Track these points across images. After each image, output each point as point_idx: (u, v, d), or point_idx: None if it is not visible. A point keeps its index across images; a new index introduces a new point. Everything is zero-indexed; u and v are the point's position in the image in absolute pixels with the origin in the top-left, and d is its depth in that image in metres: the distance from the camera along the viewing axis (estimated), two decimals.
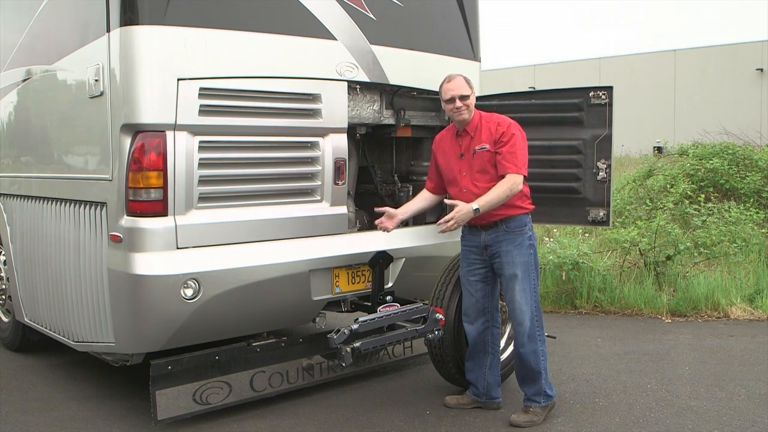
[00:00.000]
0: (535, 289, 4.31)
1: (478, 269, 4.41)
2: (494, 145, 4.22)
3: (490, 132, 4.25)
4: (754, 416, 4.38)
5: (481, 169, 4.27)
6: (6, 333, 5.96)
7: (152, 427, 4.18)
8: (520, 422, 4.24)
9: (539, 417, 4.28)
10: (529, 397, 4.35)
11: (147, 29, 3.84)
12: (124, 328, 4.05)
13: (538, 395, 4.32)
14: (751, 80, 28.59)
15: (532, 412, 4.30)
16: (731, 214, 8.93)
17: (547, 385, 4.34)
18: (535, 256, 4.31)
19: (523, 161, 4.19)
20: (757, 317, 6.81)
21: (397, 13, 4.82)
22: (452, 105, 4.27)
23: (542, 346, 4.31)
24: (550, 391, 4.37)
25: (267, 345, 4.52)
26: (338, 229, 4.62)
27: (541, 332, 4.32)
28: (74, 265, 4.46)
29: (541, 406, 4.31)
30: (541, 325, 4.33)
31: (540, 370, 4.29)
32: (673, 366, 5.40)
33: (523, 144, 4.22)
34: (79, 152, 4.52)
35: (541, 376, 4.30)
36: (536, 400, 4.32)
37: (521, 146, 4.20)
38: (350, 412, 4.51)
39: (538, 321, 4.31)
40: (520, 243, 4.25)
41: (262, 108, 4.25)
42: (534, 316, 4.28)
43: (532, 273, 4.28)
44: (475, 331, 4.45)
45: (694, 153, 11.45)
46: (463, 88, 4.28)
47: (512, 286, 4.28)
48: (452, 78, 4.32)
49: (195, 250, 4.03)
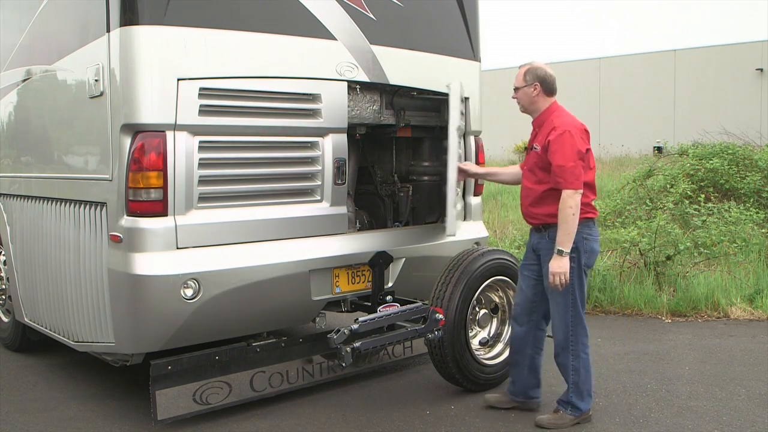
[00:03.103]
0: (574, 303, 4.12)
1: (532, 264, 4.31)
2: (544, 150, 4.09)
3: (545, 135, 4.11)
4: (754, 416, 4.38)
5: (530, 168, 4.22)
6: (6, 333, 5.96)
7: (152, 427, 4.18)
8: (543, 421, 4.22)
9: (565, 422, 4.20)
10: (560, 400, 4.30)
11: (147, 29, 3.84)
12: (124, 328, 4.05)
13: (566, 404, 4.24)
14: (751, 80, 28.60)
15: (559, 415, 4.24)
16: (731, 214, 8.92)
17: (577, 397, 4.20)
18: (578, 270, 4.08)
19: (573, 173, 3.96)
20: (757, 317, 6.81)
21: (397, 13, 4.81)
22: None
23: (574, 360, 4.17)
24: (581, 404, 4.22)
25: (267, 345, 4.51)
26: (338, 229, 4.62)
27: (576, 347, 4.16)
28: (74, 265, 4.46)
29: (569, 414, 4.23)
30: (577, 341, 4.16)
31: (569, 383, 4.22)
32: (673, 366, 5.40)
33: (572, 153, 3.98)
34: (79, 152, 4.52)
35: (570, 389, 4.22)
36: (564, 407, 4.25)
37: (571, 156, 3.97)
38: (350, 412, 4.51)
39: (573, 336, 4.15)
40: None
41: (262, 108, 4.25)
42: (569, 331, 4.15)
43: (571, 288, 4.08)
44: (520, 330, 4.40)
45: (694, 153, 11.45)
46: (517, 79, 4.25)
47: (550, 299, 4.21)
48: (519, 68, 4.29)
49: (195, 250, 4.03)
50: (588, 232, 4.14)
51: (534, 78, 4.18)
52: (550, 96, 4.21)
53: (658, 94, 30.22)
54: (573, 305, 4.14)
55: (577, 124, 4.13)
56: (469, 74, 5.25)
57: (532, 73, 4.19)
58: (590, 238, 4.15)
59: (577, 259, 4.09)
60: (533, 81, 4.18)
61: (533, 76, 4.18)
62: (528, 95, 4.21)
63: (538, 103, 4.21)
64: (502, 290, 5.01)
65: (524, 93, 4.22)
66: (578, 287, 4.13)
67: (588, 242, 4.13)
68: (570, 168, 3.97)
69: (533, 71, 4.20)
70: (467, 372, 4.71)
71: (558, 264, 3.99)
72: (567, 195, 3.96)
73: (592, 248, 4.17)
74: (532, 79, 4.18)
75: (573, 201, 3.95)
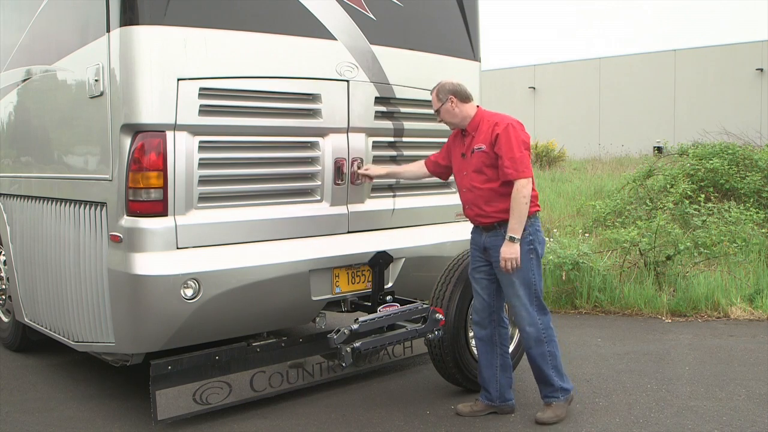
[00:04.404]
0: (537, 293, 4.25)
1: (482, 266, 4.39)
2: (490, 147, 4.21)
3: (487, 132, 4.24)
4: (754, 416, 4.38)
5: (477, 170, 4.27)
6: (6, 333, 5.96)
7: (152, 427, 4.18)
8: (545, 419, 4.26)
9: (562, 410, 4.30)
10: (546, 394, 4.36)
11: (147, 29, 3.84)
12: (124, 328, 4.05)
13: (555, 392, 4.33)
14: (751, 80, 28.60)
15: (554, 406, 4.31)
16: (731, 214, 8.92)
17: (561, 380, 4.34)
18: (536, 260, 4.25)
19: (523, 162, 4.13)
20: (757, 317, 6.81)
21: (397, 13, 4.82)
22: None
23: (549, 347, 4.28)
24: (566, 384, 4.38)
25: (267, 345, 4.52)
26: (338, 229, 4.62)
27: (547, 333, 4.27)
28: (74, 265, 4.46)
29: (561, 401, 4.33)
30: (546, 326, 4.28)
31: (549, 370, 4.29)
32: (673, 366, 5.40)
33: (518, 144, 4.15)
34: (79, 152, 4.52)
35: (553, 376, 4.30)
36: (555, 396, 4.33)
37: (518, 147, 4.13)
38: (350, 412, 4.51)
39: (542, 324, 4.26)
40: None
41: (262, 108, 4.25)
42: (538, 321, 4.25)
43: (532, 278, 4.23)
44: (485, 333, 4.43)
45: (694, 153, 11.44)
46: (433, 103, 4.41)
47: (510, 293, 4.27)
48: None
49: (195, 250, 4.03)
50: (538, 224, 4.33)
51: (446, 93, 4.33)
52: (468, 102, 4.35)
53: (658, 94, 30.22)
54: (536, 296, 4.26)
55: (513, 119, 4.29)
56: (469, 74, 5.25)
57: (442, 90, 4.35)
58: (540, 231, 4.35)
59: (535, 250, 4.24)
60: (446, 96, 4.33)
61: (444, 92, 4.34)
62: (449, 111, 4.34)
63: (463, 112, 4.34)
64: None
65: (445, 110, 4.35)
66: (538, 277, 4.28)
67: (540, 234, 4.32)
68: (519, 158, 4.12)
69: (442, 88, 4.36)
70: (467, 372, 4.71)
71: (510, 250, 4.13)
72: (521, 185, 4.11)
73: (543, 240, 4.37)
74: (445, 94, 4.34)
75: (527, 190, 4.11)
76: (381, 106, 4.76)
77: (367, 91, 4.67)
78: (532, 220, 4.22)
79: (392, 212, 4.92)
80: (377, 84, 4.72)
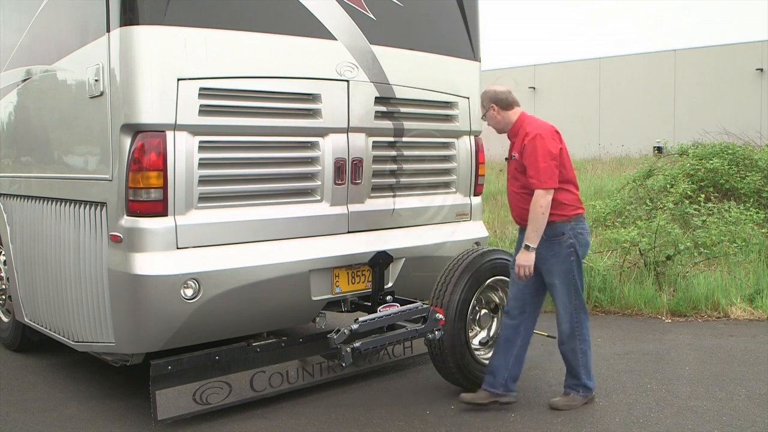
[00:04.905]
0: (577, 293, 4.42)
1: None
2: (521, 156, 4.34)
3: (520, 141, 4.37)
4: (754, 416, 4.38)
5: (513, 175, 4.46)
6: (6, 333, 5.96)
7: (152, 427, 4.18)
8: (558, 404, 4.48)
9: (577, 403, 4.50)
10: (569, 384, 4.56)
11: (147, 29, 3.84)
12: (124, 328, 4.05)
13: (578, 386, 4.52)
14: (751, 80, 28.57)
15: (571, 397, 4.52)
16: (731, 214, 8.92)
17: (587, 378, 4.52)
18: (577, 263, 4.38)
19: (546, 172, 4.22)
20: (757, 317, 6.81)
21: (397, 13, 4.82)
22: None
23: (581, 344, 4.47)
24: (590, 383, 4.55)
25: (267, 345, 4.52)
26: (338, 229, 4.62)
27: (581, 332, 4.46)
28: (74, 265, 4.46)
29: (579, 395, 4.52)
30: (582, 326, 4.47)
31: (579, 367, 4.48)
32: (673, 366, 5.40)
33: (544, 154, 4.24)
34: (79, 152, 4.52)
35: (581, 372, 4.49)
36: (575, 389, 4.53)
37: (543, 157, 4.23)
38: (350, 412, 4.51)
39: (578, 323, 4.45)
40: (558, 252, 4.34)
41: (262, 108, 4.25)
42: (573, 319, 4.43)
43: (572, 279, 4.39)
44: (512, 323, 4.52)
45: (694, 153, 11.44)
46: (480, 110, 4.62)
47: (552, 293, 4.46)
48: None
49: (195, 250, 4.03)
50: (581, 227, 4.43)
51: (488, 101, 4.50)
52: (511, 109, 4.48)
53: (658, 94, 30.19)
54: (576, 294, 4.42)
55: (547, 127, 4.40)
56: (469, 74, 5.25)
57: (484, 98, 4.55)
58: (584, 233, 4.45)
59: (575, 252, 4.37)
60: (488, 104, 4.50)
61: (486, 100, 4.52)
62: (493, 118, 4.51)
63: (505, 119, 4.48)
64: (502, 290, 5.01)
65: (490, 117, 4.53)
66: (579, 277, 4.42)
67: (583, 236, 4.43)
68: (543, 168, 4.23)
69: (484, 95, 4.55)
70: (467, 372, 4.71)
71: (525, 258, 4.29)
72: (539, 195, 4.24)
73: (586, 242, 4.48)
74: (487, 102, 4.51)
75: (544, 201, 4.23)
76: (381, 106, 4.76)
77: (367, 91, 4.67)
78: (573, 223, 4.36)
79: (392, 212, 4.92)
80: (377, 84, 4.72)
